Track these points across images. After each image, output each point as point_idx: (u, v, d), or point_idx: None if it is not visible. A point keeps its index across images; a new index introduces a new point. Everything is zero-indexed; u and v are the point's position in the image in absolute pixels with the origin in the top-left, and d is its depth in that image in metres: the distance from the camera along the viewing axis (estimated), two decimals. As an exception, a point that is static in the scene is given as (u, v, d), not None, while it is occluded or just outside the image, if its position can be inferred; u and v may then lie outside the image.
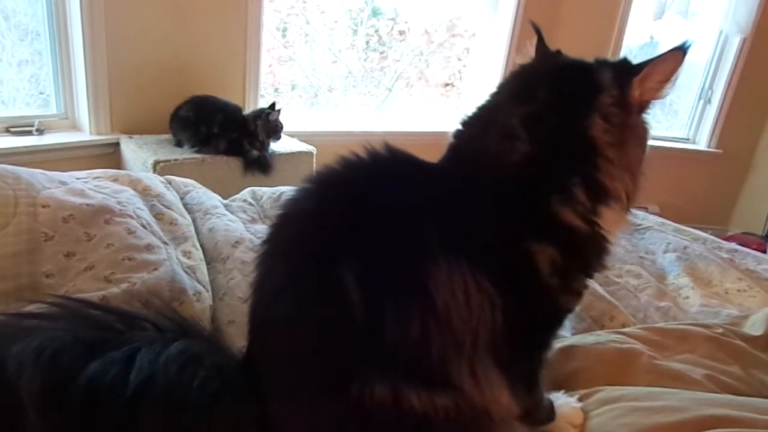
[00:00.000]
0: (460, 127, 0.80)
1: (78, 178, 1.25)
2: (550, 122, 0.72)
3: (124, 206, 1.17)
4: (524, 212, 0.70)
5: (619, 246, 0.77)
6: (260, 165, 2.28)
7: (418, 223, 0.66)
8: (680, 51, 0.71)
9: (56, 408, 0.61)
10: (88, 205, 1.11)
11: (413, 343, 0.63)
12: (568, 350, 1.01)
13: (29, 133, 2.22)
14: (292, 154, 2.44)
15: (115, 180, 1.31)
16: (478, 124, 0.79)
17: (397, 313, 0.63)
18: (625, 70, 0.74)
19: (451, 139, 0.80)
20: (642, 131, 0.77)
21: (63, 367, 0.62)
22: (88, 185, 1.22)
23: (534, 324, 0.75)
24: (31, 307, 0.78)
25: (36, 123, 2.24)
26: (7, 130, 2.21)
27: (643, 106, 0.76)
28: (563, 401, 0.88)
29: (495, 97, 0.80)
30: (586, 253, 0.74)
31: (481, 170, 0.73)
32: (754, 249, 1.94)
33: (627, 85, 0.73)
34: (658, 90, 0.74)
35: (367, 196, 0.70)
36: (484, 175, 0.72)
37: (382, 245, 0.65)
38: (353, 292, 0.62)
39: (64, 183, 1.17)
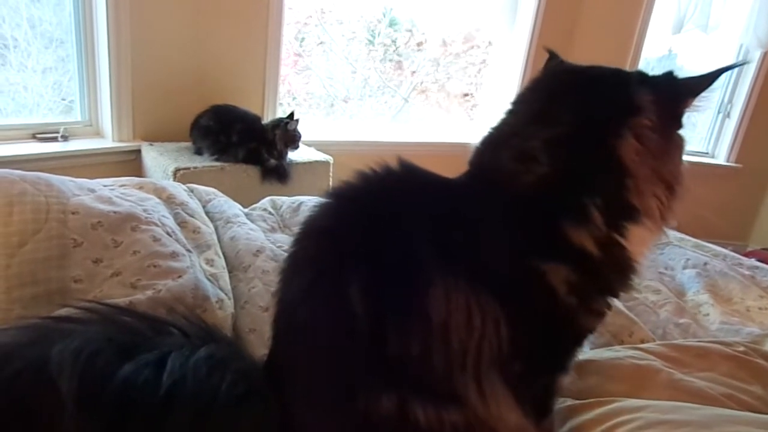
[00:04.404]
0: (479, 144, 0.80)
1: (105, 186, 1.28)
2: (574, 143, 0.70)
3: (150, 214, 1.19)
4: (534, 232, 0.69)
5: (646, 262, 0.73)
6: (278, 174, 2.31)
7: (421, 241, 0.67)
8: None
9: (92, 406, 0.63)
10: (115, 212, 1.13)
11: (415, 359, 0.64)
12: (585, 365, 1.01)
13: (54, 139, 2.27)
14: (309, 163, 2.46)
15: (141, 188, 1.34)
16: (496, 143, 0.78)
17: (398, 329, 0.64)
18: (670, 95, 0.72)
19: (471, 156, 0.80)
20: (678, 141, 0.75)
21: (99, 368, 0.65)
22: (115, 193, 1.24)
23: (550, 343, 0.73)
24: (63, 311, 0.81)
25: (61, 130, 2.29)
26: (33, 137, 2.26)
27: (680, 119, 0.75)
28: None
29: (513, 115, 0.79)
30: (606, 273, 0.72)
31: (494, 188, 0.73)
32: (774, 265, 1.92)
33: (670, 110, 0.71)
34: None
35: (379, 213, 0.71)
36: (496, 194, 0.72)
37: (386, 262, 0.66)
38: (358, 305, 0.63)
39: (92, 190, 1.20)
